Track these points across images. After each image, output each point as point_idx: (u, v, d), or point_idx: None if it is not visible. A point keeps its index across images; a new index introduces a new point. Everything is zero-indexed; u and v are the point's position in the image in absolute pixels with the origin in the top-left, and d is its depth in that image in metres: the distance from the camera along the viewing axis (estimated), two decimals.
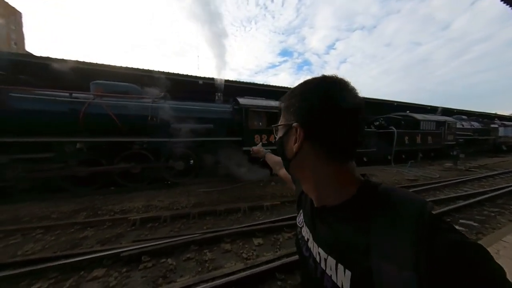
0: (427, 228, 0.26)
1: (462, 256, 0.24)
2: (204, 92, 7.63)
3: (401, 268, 0.25)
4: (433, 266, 0.23)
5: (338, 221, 0.36)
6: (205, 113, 5.61)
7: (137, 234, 2.83)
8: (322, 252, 0.37)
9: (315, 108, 0.35)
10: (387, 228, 0.28)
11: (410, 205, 0.29)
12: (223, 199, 4.22)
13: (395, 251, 0.26)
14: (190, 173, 5.58)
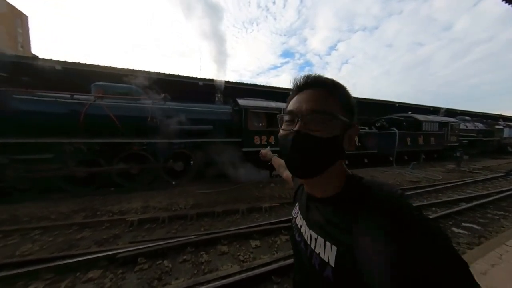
0: (396, 208, 0.32)
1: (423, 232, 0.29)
2: (204, 93, 7.67)
3: (376, 239, 0.30)
4: (400, 237, 0.29)
5: (328, 208, 0.41)
6: (204, 114, 5.62)
7: (134, 235, 2.83)
8: (313, 234, 0.42)
9: (356, 111, 0.42)
10: (365, 211, 0.34)
11: (384, 193, 0.36)
12: (221, 200, 4.21)
13: (371, 227, 0.32)
14: (189, 174, 5.58)
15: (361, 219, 0.34)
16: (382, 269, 0.28)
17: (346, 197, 0.39)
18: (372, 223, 0.32)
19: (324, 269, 0.37)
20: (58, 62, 5.81)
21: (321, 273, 0.38)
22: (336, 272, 0.35)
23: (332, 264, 0.36)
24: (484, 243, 2.46)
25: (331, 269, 0.36)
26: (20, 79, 4.60)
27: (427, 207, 4.05)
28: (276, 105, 6.44)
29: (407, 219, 0.30)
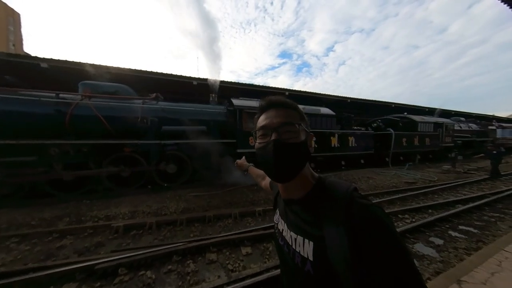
0: (349, 198, 0.40)
1: (366, 212, 0.38)
2: (198, 93, 7.53)
3: (337, 226, 0.38)
4: (351, 220, 0.37)
5: (302, 208, 0.47)
6: (198, 115, 5.48)
7: (118, 243, 2.67)
8: (293, 234, 0.47)
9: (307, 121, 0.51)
10: (328, 205, 0.42)
11: (341, 189, 0.43)
12: (213, 204, 4.07)
13: (333, 217, 0.39)
14: (182, 177, 5.42)
15: (326, 214, 0.41)
16: (340, 256, 0.35)
17: (315, 196, 0.46)
18: (332, 216, 0.40)
19: (305, 264, 0.42)
20: (44, 59, 5.59)
21: (303, 269, 0.42)
22: (314, 265, 0.40)
23: (311, 258, 0.41)
24: (482, 248, 2.38)
25: (310, 263, 0.41)
26: (3, 78, 4.40)
27: (424, 209, 3.99)
28: None
29: (356, 209, 0.38)
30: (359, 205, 0.38)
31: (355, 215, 0.37)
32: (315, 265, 0.40)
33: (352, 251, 0.34)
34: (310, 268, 0.41)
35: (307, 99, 9.03)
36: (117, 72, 6.13)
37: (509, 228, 3.15)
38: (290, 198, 0.50)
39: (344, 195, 0.41)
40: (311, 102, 8.42)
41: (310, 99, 9.18)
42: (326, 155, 7.25)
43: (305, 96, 9.16)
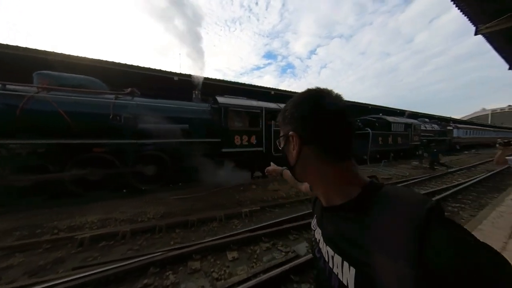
0: (423, 222, 0.26)
1: (465, 256, 0.23)
2: (180, 89, 7.10)
3: (396, 261, 0.26)
4: (426, 259, 0.24)
5: (342, 220, 0.38)
6: (179, 112, 5.14)
7: (84, 257, 2.31)
8: (329, 251, 0.39)
9: (306, 115, 0.40)
10: (386, 224, 0.30)
11: (409, 203, 0.30)
12: (197, 207, 3.83)
13: (392, 244, 0.27)
14: (162, 179, 5.04)
15: (379, 236, 0.30)
16: None
17: (361, 205, 0.35)
18: (390, 243, 0.28)
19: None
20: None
21: None
22: None
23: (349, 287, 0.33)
24: None
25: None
26: None
27: None
28: (258, 104, 6.26)
29: (437, 243, 0.25)
30: (443, 237, 0.25)
31: (434, 252, 0.24)
32: None
33: None
34: None
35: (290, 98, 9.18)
36: (79, 62, 5.43)
37: (470, 216, 3.54)
38: (328, 203, 0.41)
39: (415, 214, 0.27)
40: None
41: None
42: None
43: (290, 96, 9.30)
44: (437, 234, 0.25)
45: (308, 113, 0.39)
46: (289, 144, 0.42)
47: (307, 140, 0.40)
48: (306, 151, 0.40)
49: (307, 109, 0.40)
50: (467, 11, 3.07)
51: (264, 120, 6.18)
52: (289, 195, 4.68)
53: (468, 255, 0.24)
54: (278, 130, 5.07)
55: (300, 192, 4.90)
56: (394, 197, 0.32)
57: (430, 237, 0.25)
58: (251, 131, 5.94)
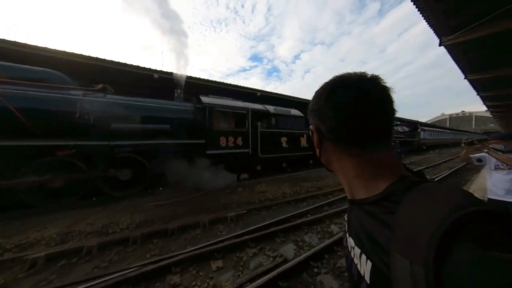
0: (446, 230, 0.22)
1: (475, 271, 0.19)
2: (161, 88, 6.68)
3: (411, 264, 0.24)
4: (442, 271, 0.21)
5: (364, 213, 0.36)
6: (160, 112, 4.80)
7: (35, 282, 1.93)
8: (351, 242, 0.40)
9: (319, 108, 0.39)
10: (409, 227, 0.26)
11: (438, 205, 0.25)
12: (179, 213, 3.56)
13: (410, 247, 0.25)
14: (140, 184, 4.62)
15: (399, 235, 0.27)
16: None
17: (386, 201, 0.33)
18: (408, 244, 0.25)
19: (361, 282, 0.35)
20: None
21: (359, 285, 0.36)
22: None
23: (367, 280, 0.33)
24: None
25: (367, 285, 0.33)
26: None
27: None
28: (244, 104, 6.16)
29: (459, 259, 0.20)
30: (466, 252, 0.20)
31: (453, 266, 0.20)
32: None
33: None
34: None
35: (277, 100, 9.24)
36: (40, 53, 4.77)
37: None
38: (353, 197, 0.41)
39: (439, 220, 0.23)
40: (282, 103, 8.65)
41: (279, 100, 9.43)
42: (297, 154, 7.55)
43: (277, 98, 9.37)
44: (461, 248, 0.21)
45: (322, 106, 0.38)
46: (314, 138, 0.43)
47: (324, 133, 0.39)
48: (326, 143, 0.41)
49: (322, 102, 0.38)
50: (433, 24, 3.34)
51: (251, 121, 6.10)
52: (276, 197, 4.63)
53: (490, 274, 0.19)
54: (264, 131, 5.03)
55: (287, 193, 4.90)
56: (427, 196, 0.28)
57: (452, 254, 0.21)
58: (237, 132, 5.81)
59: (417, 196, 0.29)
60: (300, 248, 2.55)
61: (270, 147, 6.60)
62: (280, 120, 7.04)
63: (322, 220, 3.35)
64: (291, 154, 7.31)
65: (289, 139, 7.18)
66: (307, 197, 4.62)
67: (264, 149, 6.37)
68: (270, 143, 6.60)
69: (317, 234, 2.95)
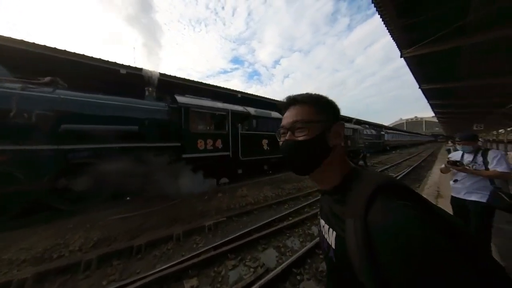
0: (371, 195, 0.36)
1: (384, 216, 0.33)
2: (131, 86, 6.01)
3: (354, 221, 0.37)
4: (367, 219, 0.35)
5: (330, 199, 0.48)
6: (126, 111, 4.25)
7: None
8: (322, 222, 0.52)
9: (337, 112, 0.50)
10: (354, 197, 0.41)
11: (369, 182, 0.40)
12: (148, 226, 3.13)
13: (353, 211, 0.38)
14: (100, 194, 3.97)
15: (348, 206, 0.41)
16: (353, 251, 0.35)
17: (343, 187, 0.45)
18: (352, 210, 0.39)
19: (329, 251, 0.45)
20: None
21: (328, 254, 0.46)
22: (336, 253, 0.43)
23: (333, 246, 0.43)
24: None
25: (333, 250, 0.43)
26: None
27: None
28: (224, 105, 5.93)
29: (375, 209, 0.35)
30: (380, 205, 0.35)
31: (373, 215, 0.34)
32: (336, 254, 0.42)
33: (367, 252, 0.33)
34: (333, 255, 0.43)
35: (257, 102, 9.23)
36: None
37: None
38: (323, 188, 0.52)
39: (368, 189, 0.38)
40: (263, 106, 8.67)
41: (260, 102, 9.45)
42: (278, 156, 7.59)
43: (257, 100, 9.36)
44: (377, 203, 0.35)
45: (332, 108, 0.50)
46: (331, 132, 0.47)
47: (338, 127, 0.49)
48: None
49: (330, 105, 0.49)
50: (396, 37, 3.66)
51: (231, 123, 5.90)
52: (257, 201, 4.50)
53: (393, 217, 0.33)
54: (245, 133, 4.83)
55: (268, 196, 4.81)
56: (363, 179, 0.42)
57: (373, 205, 0.35)
58: (216, 135, 5.53)
59: (358, 181, 0.43)
60: (282, 255, 2.45)
61: (251, 150, 6.48)
62: (261, 122, 7.00)
63: (303, 222, 3.33)
64: (273, 156, 7.32)
65: (270, 142, 7.18)
66: (288, 199, 4.61)
67: (245, 151, 6.22)
68: (251, 146, 6.49)
69: (298, 237, 2.90)
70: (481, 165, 1.70)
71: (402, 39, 3.82)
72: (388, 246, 0.30)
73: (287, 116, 0.49)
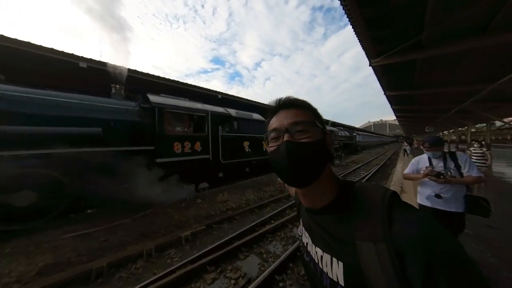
0: (387, 206, 0.34)
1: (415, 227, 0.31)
2: (92, 82, 5.30)
3: (375, 245, 0.31)
4: (395, 238, 0.31)
5: (327, 220, 0.42)
6: (85, 111, 3.70)
7: None
8: (319, 251, 0.43)
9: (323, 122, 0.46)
10: (362, 216, 0.36)
11: (375, 194, 0.37)
12: (113, 243, 2.74)
13: (370, 230, 0.33)
14: (53, 209, 3.35)
15: (358, 227, 0.35)
16: (381, 283, 0.30)
17: (341, 205, 0.40)
18: (367, 231, 0.33)
19: (332, 286, 0.37)
20: None
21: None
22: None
23: (342, 283, 0.36)
24: None
25: (340, 287, 0.36)
26: None
27: None
28: (203, 106, 5.66)
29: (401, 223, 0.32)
30: (403, 217, 0.32)
31: (400, 231, 0.31)
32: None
33: (398, 275, 0.28)
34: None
35: (237, 104, 9.11)
36: None
37: None
38: (313, 207, 0.45)
39: (380, 203, 0.34)
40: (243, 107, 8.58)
41: (240, 104, 9.34)
42: (259, 159, 7.57)
43: (239, 102, 9.23)
44: (399, 215, 0.33)
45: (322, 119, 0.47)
46: (327, 140, 0.44)
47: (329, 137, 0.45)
48: None
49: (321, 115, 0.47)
50: (365, 47, 3.96)
51: (211, 125, 5.66)
52: (239, 205, 4.37)
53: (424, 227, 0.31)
54: (226, 135, 4.66)
55: (250, 200, 4.72)
56: (364, 192, 0.39)
57: (395, 219, 0.32)
58: (195, 137, 5.23)
59: (357, 196, 0.39)
60: (265, 261, 2.38)
61: (233, 152, 6.32)
62: (243, 124, 6.91)
63: (285, 225, 3.33)
64: (254, 159, 7.27)
65: (252, 144, 7.13)
66: (270, 202, 4.59)
67: (226, 154, 6.03)
68: (233, 148, 6.33)
69: (280, 241, 2.87)
70: (455, 170, 1.58)
71: (370, 49, 4.13)
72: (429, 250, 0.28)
73: (282, 117, 0.43)
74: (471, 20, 2.72)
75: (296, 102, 0.45)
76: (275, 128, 0.44)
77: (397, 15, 2.79)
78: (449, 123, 11.98)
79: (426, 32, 3.05)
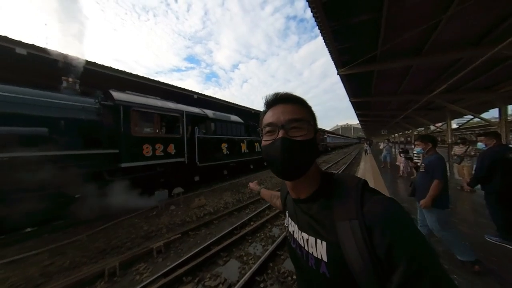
0: (360, 193, 0.40)
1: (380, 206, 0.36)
2: (37, 74, 4.41)
3: (350, 223, 0.37)
4: (365, 216, 0.36)
5: (312, 207, 0.46)
6: (24, 107, 3.04)
7: None
8: (304, 235, 0.47)
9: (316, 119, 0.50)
10: (340, 200, 0.41)
11: (350, 183, 0.43)
12: (61, 267, 2.27)
13: (346, 211, 0.39)
14: None
15: (337, 211, 0.40)
16: (356, 255, 0.35)
17: (323, 192, 0.45)
18: (344, 213, 0.39)
19: (320, 266, 0.41)
20: None
21: (318, 271, 0.41)
22: (329, 266, 0.39)
23: (325, 259, 0.40)
24: None
25: (325, 264, 0.40)
26: None
27: None
28: (177, 106, 5.31)
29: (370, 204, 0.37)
30: (372, 199, 0.38)
31: (369, 210, 0.36)
32: (330, 266, 0.39)
33: (369, 248, 0.34)
34: (325, 270, 0.40)
35: (215, 105, 8.88)
36: None
37: None
38: (300, 197, 0.49)
39: (355, 189, 0.41)
40: (222, 109, 8.40)
41: (218, 105, 9.14)
42: (238, 160, 7.49)
43: (216, 103, 8.98)
44: (369, 198, 0.39)
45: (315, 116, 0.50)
46: (317, 137, 0.47)
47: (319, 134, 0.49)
48: None
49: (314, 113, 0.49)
50: (334, 57, 4.35)
51: (186, 126, 5.34)
52: (217, 209, 4.20)
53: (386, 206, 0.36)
54: (203, 137, 4.46)
55: (229, 203, 4.60)
56: (342, 181, 0.44)
57: (365, 201, 0.38)
58: (168, 139, 4.85)
59: (336, 184, 0.44)
60: (245, 264, 2.32)
61: (210, 155, 6.08)
62: (220, 126, 6.74)
63: (265, 225, 3.35)
64: (232, 161, 7.16)
65: (230, 145, 7.00)
66: (249, 203, 4.56)
67: (203, 157, 5.77)
68: (210, 150, 6.09)
69: (260, 241, 2.86)
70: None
71: (338, 59, 4.54)
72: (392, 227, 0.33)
73: (279, 112, 0.44)
74: (413, 41, 3.29)
75: (294, 98, 0.47)
76: (271, 122, 0.45)
77: (357, 31, 3.18)
78: (399, 127, 14.14)
79: (381, 48, 3.56)
